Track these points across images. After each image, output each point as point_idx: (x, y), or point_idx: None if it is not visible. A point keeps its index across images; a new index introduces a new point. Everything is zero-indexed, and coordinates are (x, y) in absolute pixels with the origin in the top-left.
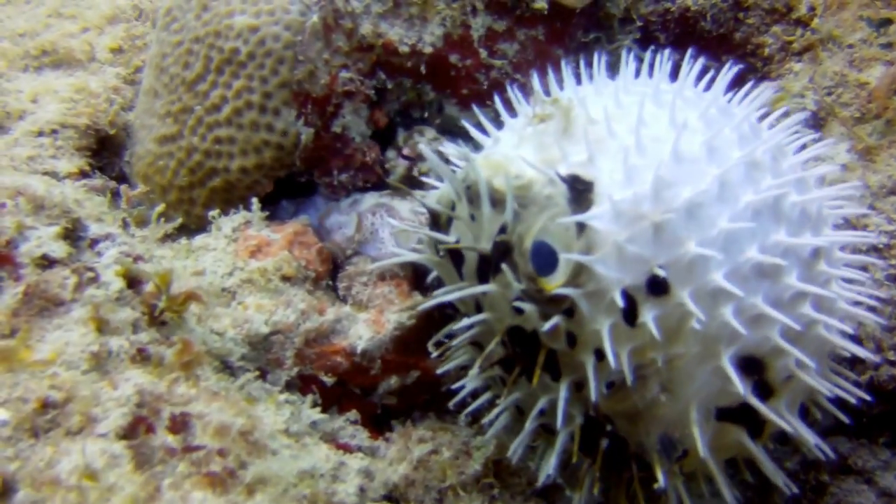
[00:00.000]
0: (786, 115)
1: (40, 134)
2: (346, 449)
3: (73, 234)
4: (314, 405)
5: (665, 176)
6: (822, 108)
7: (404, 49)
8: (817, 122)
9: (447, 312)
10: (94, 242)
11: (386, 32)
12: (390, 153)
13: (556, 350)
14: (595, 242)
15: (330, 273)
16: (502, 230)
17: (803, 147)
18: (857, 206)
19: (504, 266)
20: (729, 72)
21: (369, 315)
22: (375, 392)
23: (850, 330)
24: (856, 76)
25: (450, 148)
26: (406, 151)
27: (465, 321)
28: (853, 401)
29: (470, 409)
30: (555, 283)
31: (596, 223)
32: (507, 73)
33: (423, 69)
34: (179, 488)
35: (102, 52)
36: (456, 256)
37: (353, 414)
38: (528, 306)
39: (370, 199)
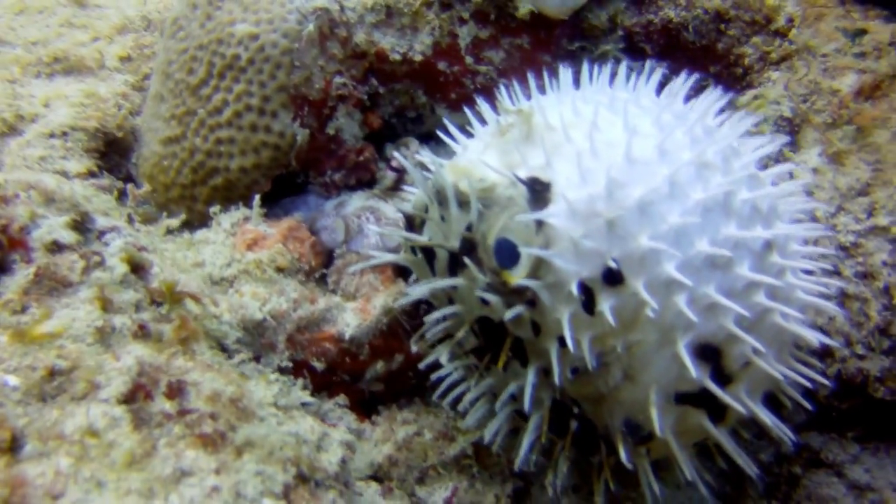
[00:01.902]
0: (755, 123)
1: (52, 136)
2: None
3: (82, 225)
4: (304, 388)
5: (617, 177)
6: (797, 115)
7: (396, 57)
8: (792, 128)
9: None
10: (101, 234)
11: (379, 41)
12: (380, 164)
13: (523, 338)
14: (553, 238)
15: (322, 266)
16: (468, 229)
17: (760, 149)
18: (809, 202)
19: (469, 261)
20: (686, 81)
21: (357, 304)
22: (363, 378)
23: (800, 316)
24: (829, 84)
25: (426, 157)
26: (394, 164)
27: (437, 313)
28: (810, 385)
29: (450, 398)
30: (517, 276)
31: (553, 220)
32: (492, 79)
33: (414, 75)
34: (174, 447)
35: (112, 60)
36: (429, 255)
37: (342, 398)
38: (493, 297)
39: (356, 202)
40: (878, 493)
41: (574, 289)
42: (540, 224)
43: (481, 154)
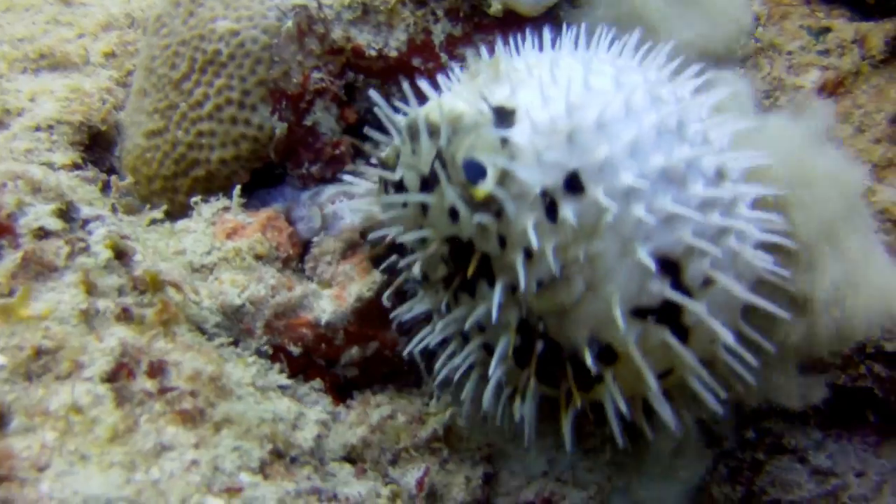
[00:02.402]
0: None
1: (38, 129)
2: None
3: (67, 214)
4: (281, 372)
5: (576, 101)
6: (761, 111)
7: (371, 53)
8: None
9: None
10: (86, 222)
11: (355, 37)
12: (359, 161)
13: (490, 254)
14: (516, 153)
15: (300, 256)
16: (438, 155)
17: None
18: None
19: (440, 171)
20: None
21: (333, 291)
22: (338, 363)
23: (760, 235)
24: (793, 80)
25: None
26: (373, 160)
27: (410, 234)
28: (784, 315)
29: (418, 344)
30: (484, 189)
31: (517, 138)
32: None
33: (389, 71)
34: (155, 423)
35: (96, 56)
36: (401, 190)
37: (318, 383)
38: (461, 206)
39: (330, 190)
40: (840, 479)
41: (537, 197)
42: (504, 141)
43: (452, 95)
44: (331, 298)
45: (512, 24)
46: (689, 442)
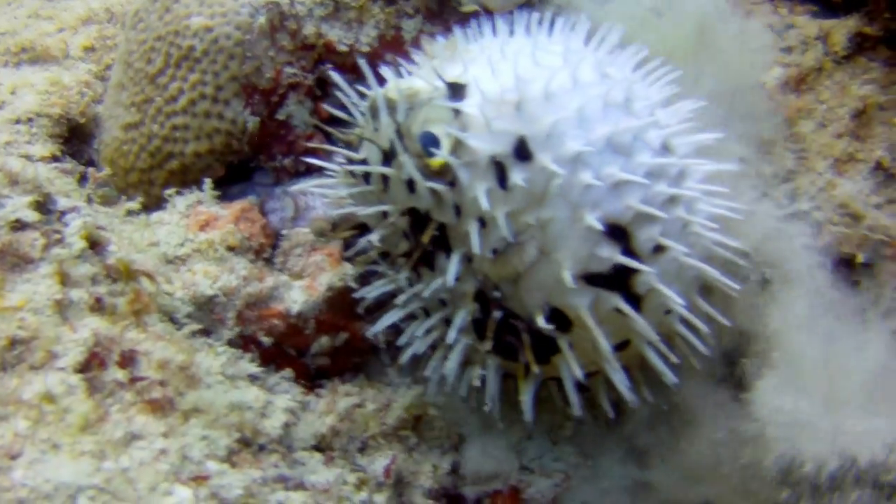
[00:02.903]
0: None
1: (17, 122)
2: None
3: (44, 206)
4: (252, 361)
5: (524, 74)
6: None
7: (343, 48)
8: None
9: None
10: (63, 214)
11: (327, 33)
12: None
13: (446, 224)
14: (468, 123)
15: (272, 246)
16: (397, 129)
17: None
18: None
19: (397, 144)
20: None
21: (304, 282)
22: (308, 353)
23: (709, 207)
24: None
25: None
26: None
27: (370, 209)
28: (734, 286)
29: (381, 323)
30: (438, 159)
31: (468, 109)
32: None
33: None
34: (125, 412)
35: (76, 50)
36: (366, 177)
37: (288, 372)
38: (417, 175)
39: (303, 182)
40: None
41: (488, 164)
42: (457, 113)
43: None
44: (302, 289)
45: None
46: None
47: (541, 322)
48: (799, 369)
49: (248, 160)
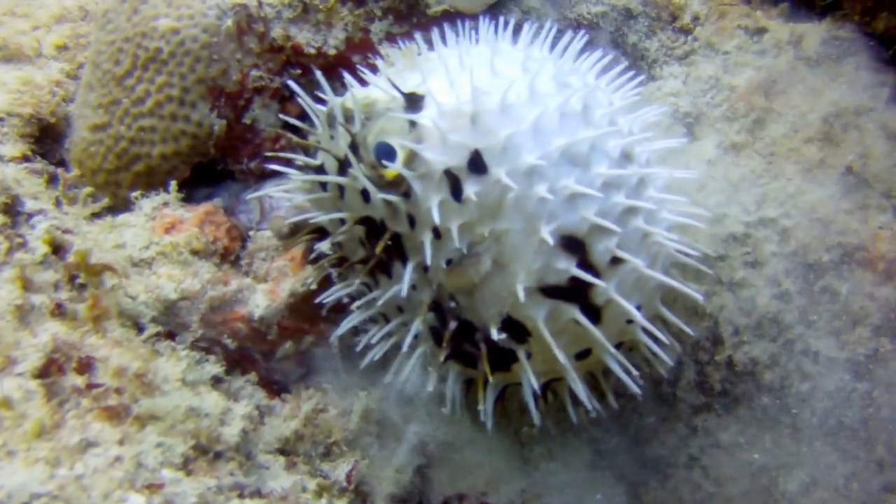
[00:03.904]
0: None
1: None
2: None
3: (11, 208)
4: (217, 363)
5: (482, 86)
6: (695, 108)
7: (311, 51)
8: (690, 121)
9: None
10: (30, 216)
11: (295, 36)
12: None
13: (402, 234)
14: (423, 135)
15: (237, 249)
16: (353, 138)
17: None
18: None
19: (351, 156)
20: (551, 30)
21: (267, 286)
22: (273, 357)
23: (669, 216)
24: (728, 80)
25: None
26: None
27: (325, 216)
28: (697, 296)
29: (341, 330)
30: (392, 170)
31: (424, 120)
32: None
33: (328, 69)
34: (82, 419)
35: (49, 48)
36: (323, 185)
37: (253, 376)
38: (370, 186)
39: (267, 188)
40: (776, 473)
41: (442, 176)
42: (413, 125)
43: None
44: (265, 293)
45: (452, 21)
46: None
47: (495, 334)
48: None
49: (215, 163)
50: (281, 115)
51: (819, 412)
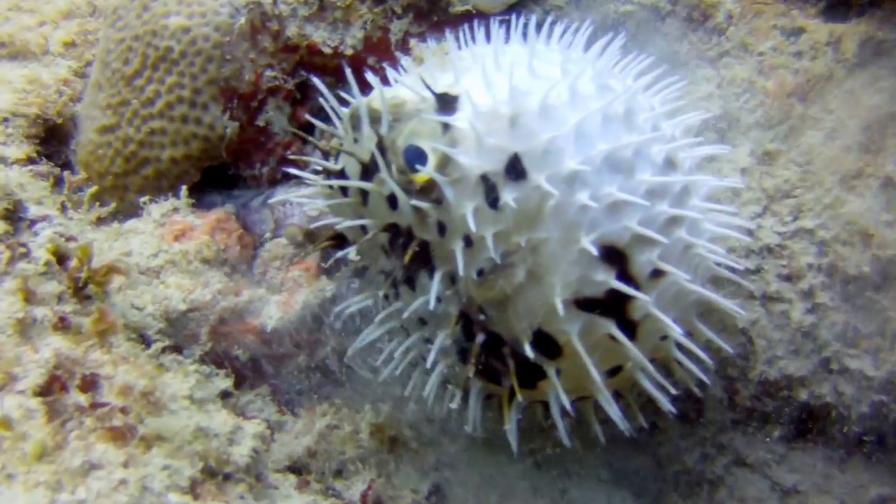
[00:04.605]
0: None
1: None
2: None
3: (14, 214)
4: (226, 377)
5: (520, 86)
6: (729, 113)
7: (327, 50)
8: (722, 126)
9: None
10: (33, 223)
11: (310, 35)
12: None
13: (430, 242)
14: (458, 138)
15: (249, 258)
16: (379, 140)
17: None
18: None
19: (378, 158)
20: (587, 30)
21: (280, 297)
22: (286, 370)
23: (714, 227)
24: (763, 83)
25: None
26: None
27: (348, 223)
28: (738, 311)
29: (358, 343)
30: (423, 175)
31: (458, 123)
32: None
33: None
34: (84, 439)
35: (56, 45)
36: (345, 190)
37: (264, 390)
38: (400, 192)
39: (279, 194)
40: (803, 495)
41: (477, 182)
42: (447, 127)
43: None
44: (278, 305)
45: (472, 20)
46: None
47: (528, 350)
48: None
49: (227, 167)
50: (307, 116)
51: (853, 433)
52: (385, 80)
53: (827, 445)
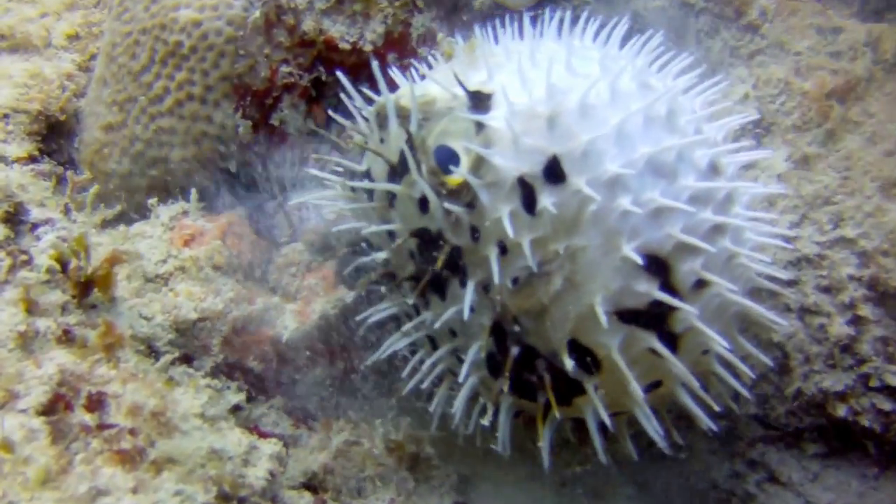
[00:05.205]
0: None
1: None
2: (264, 436)
3: (15, 217)
4: (239, 391)
5: (558, 84)
6: (764, 115)
7: (345, 46)
8: (759, 130)
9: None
10: (35, 227)
11: (328, 29)
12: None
13: (462, 248)
14: (493, 139)
15: (262, 264)
16: (408, 141)
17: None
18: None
19: (409, 158)
20: (623, 26)
21: (296, 306)
22: (301, 382)
23: (757, 236)
24: (800, 84)
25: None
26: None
27: (375, 227)
28: (781, 323)
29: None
30: (456, 177)
31: (493, 122)
32: None
33: (362, 66)
34: (91, 463)
35: (59, 38)
36: (369, 193)
37: (278, 401)
38: (431, 195)
39: (294, 199)
40: None
41: (514, 185)
42: (480, 127)
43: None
44: (293, 314)
45: (498, 17)
46: None
47: (569, 364)
48: None
49: (239, 168)
50: (330, 112)
51: (891, 451)
52: (410, 78)
53: (862, 463)
